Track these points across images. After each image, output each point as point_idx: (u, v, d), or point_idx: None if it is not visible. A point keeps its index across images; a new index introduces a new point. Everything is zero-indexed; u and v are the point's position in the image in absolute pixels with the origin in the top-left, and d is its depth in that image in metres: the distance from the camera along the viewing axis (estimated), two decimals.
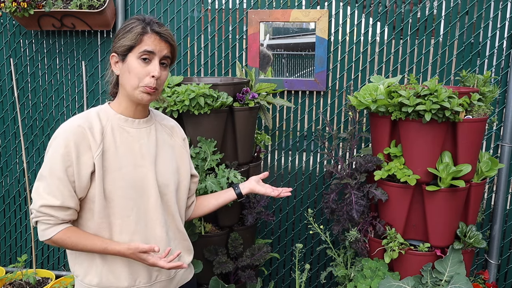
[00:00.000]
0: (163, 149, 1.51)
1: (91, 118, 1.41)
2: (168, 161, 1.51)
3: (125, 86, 1.40)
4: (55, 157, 1.34)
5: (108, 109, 1.45)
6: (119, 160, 1.39)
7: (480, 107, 1.88)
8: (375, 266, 2.00)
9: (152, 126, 1.50)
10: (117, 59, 1.41)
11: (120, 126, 1.43)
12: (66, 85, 2.82)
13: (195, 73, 2.69)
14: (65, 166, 1.33)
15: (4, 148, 2.95)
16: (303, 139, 2.65)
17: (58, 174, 1.33)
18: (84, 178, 1.34)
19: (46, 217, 1.35)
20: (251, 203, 2.23)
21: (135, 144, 1.43)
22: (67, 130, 1.36)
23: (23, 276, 2.73)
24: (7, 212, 3.02)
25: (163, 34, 1.39)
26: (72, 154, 1.33)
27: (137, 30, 1.36)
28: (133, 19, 1.40)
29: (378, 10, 2.42)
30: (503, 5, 2.29)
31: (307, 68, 2.55)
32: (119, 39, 1.39)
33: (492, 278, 2.42)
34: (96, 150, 1.35)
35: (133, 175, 1.41)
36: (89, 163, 1.35)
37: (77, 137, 1.34)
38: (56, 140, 1.36)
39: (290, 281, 2.77)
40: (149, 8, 2.65)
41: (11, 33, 2.81)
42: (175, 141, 1.58)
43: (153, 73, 1.37)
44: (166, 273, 1.50)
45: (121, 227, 1.40)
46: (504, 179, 2.36)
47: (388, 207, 1.99)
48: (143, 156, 1.44)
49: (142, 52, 1.36)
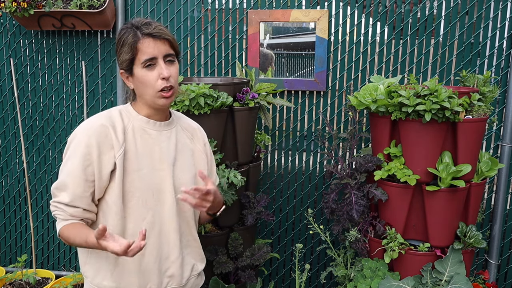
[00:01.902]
0: (183, 154, 1.49)
1: (114, 117, 1.40)
2: (186, 166, 1.48)
3: (143, 96, 1.39)
4: (74, 155, 1.34)
5: (131, 109, 1.44)
6: (138, 161, 1.38)
7: (480, 107, 1.88)
8: (375, 266, 2.00)
9: (173, 129, 1.48)
10: (126, 74, 1.40)
11: (141, 127, 1.41)
12: (66, 85, 2.82)
13: (195, 73, 2.69)
14: (84, 165, 1.32)
15: (4, 148, 2.95)
16: (303, 139, 2.65)
17: (75, 172, 1.33)
18: (105, 177, 1.34)
19: (58, 211, 1.36)
20: (251, 203, 2.24)
21: (155, 146, 1.42)
22: (89, 129, 1.35)
23: (23, 276, 2.73)
24: (7, 212, 3.02)
25: (156, 33, 1.33)
26: (94, 153, 1.32)
27: (129, 40, 1.33)
28: (123, 29, 1.38)
29: (378, 10, 2.42)
30: (503, 5, 2.29)
31: (307, 67, 2.55)
32: (119, 55, 1.38)
33: (492, 278, 2.42)
34: (119, 150, 1.35)
35: (151, 178, 1.39)
36: (111, 162, 1.34)
37: (100, 136, 1.34)
38: (77, 138, 1.35)
39: (290, 281, 2.77)
40: (149, 8, 2.65)
41: (11, 33, 2.81)
42: (195, 145, 1.55)
43: (163, 75, 1.34)
44: (177, 280, 1.48)
45: (134, 231, 1.39)
46: (504, 179, 2.36)
47: (388, 207, 1.99)
48: (162, 160, 1.42)
49: (144, 62, 1.33)
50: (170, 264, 1.45)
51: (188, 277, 1.51)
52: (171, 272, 1.46)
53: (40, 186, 2.95)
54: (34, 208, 2.97)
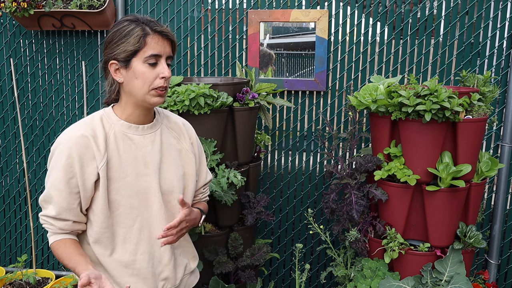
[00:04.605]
0: (169, 155, 1.46)
1: (95, 125, 1.36)
2: (173, 167, 1.46)
3: (133, 92, 1.34)
4: (57, 167, 1.32)
5: (112, 114, 1.39)
6: (122, 169, 1.36)
7: (480, 107, 1.88)
8: (375, 266, 2.00)
9: (158, 131, 1.45)
10: (118, 66, 1.33)
11: (123, 133, 1.38)
12: (66, 85, 2.82)
13: (195, 73, 2.69)
14: (67, 177, 1.31)
15: (4, 148, 2.95)
16: (303, 139, 2.65)
17: (58, 185, 1.31)
18: (89, 188, 1.33)
19: (47, 224, 1.37)
20: (251, 203, 2.24)
21: (138, 152, 1.39)
22: (70, 140, 1.32)
23: (23, 276, 2.73)
24: (7, 212, 3.02)
25: (165, 32, 1.33)
26: (75, 166, 1.30)
27: (137, 32, 1.29)
28: (125, 21, 1.33)
29: (378, 10, 2.42)
30: (503, 5, 2.29)
31: (307, 67, 2.55)
32: (117, 44, 1.31)
33: (492, 278, 2.42)
34: (101, 161, 1.32)
35: (136, 184, 1.37)
36: (94, 173, 1.32)
37: (80, 148, 1.31)
38: (59, 149, 1.33)
39: (290, 281, 2.77)
40: (149, 8, 2.65)
41: (11, 33, 2.81)
42: (182, 145, 1.52)
43: (164, 74, 1.32)
44: (171, 282, 1.48)
45: (125, 237, 1.39)
46: (504, 179, 2.36)
47: (388, 207, 1.99)
48: (147, 164, 1.40)
49: (149, 56, 1.30)
50: (163, 267, 1.45)
51: (182, 277, 1.52)
52: (165, 275, 1.46)
53: (40, 186, 2.95)
54: (34, 208, 2.97)
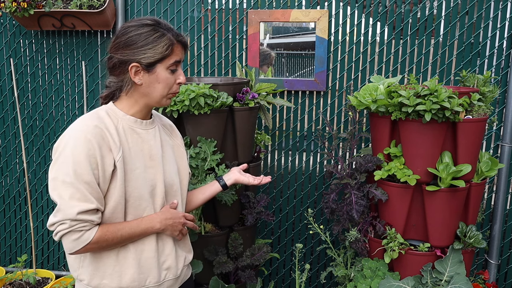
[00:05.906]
0: (166, 150, 1.52)
1: (103, 118, 1.37)
2: (171, 161, 1.52)
3: (151, 94, 1.40)
4: (78, 160, 1.26)
5: (116, 110, 1.41)
6: (132, 161, 1.38)
7: (480, 107, 1.88)
8: (375, 266, 2.00)
9: (156, 127, 1.51)
10: (139, 68, 1.36)
11: (130, 127, 1.41)
12: (66, 85, 2.82)
13: (195, 73, 2.69)
14: (91, 168, 1.27)
15: (4, 148, 2.95)
16: (303, 139, 2.65)
17: (86, 177, 1.27)
18: (107, 180, 1.32)
19: (82, 223, 1.27)
20: (251, 203, 2.23)
21: (144, 145, 1.43)
22: (84, 130, 1.30)
23: (23, 276, 2.73)
24: (7, 212, 3.02)
25: (186, 43, 1.43)
26: (97, 156, 1.29)
27: (166, 41, 1.35)
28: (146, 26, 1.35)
29: (378, 10, 2.42)
30: (503, 5, 2.29)
31: (307, 67, 2.55)
32: (144, 49, 1.34)
33: (492, 278, 2.42)
34: (118, 153, 1.33)
35: (145, 177, 1.41)
36: (111, 164, 1.32)
37: (98, 138, 1.30)
38: (73, 142, 1.28)
39: (290, 281, 2.77)
40: (149, 8, 2.65)
41: (11, 33, 2.81)
42: (174, 141, 1.60)
43: (181, 80, 1.43)
44: (173, 272, 1.50)
45: None
46: (504, 179, 2.37)
47: (388, 207, 1.99)
48: (152, 157, 1.44)
49: (173, 63, 1.39)
50: (166, 257, 1.48)
51: (182, 268, 1.55)
52: (168, 264, 1.48)
53: (40, 186, 2.95)
54: (34, 208, 2.97)
